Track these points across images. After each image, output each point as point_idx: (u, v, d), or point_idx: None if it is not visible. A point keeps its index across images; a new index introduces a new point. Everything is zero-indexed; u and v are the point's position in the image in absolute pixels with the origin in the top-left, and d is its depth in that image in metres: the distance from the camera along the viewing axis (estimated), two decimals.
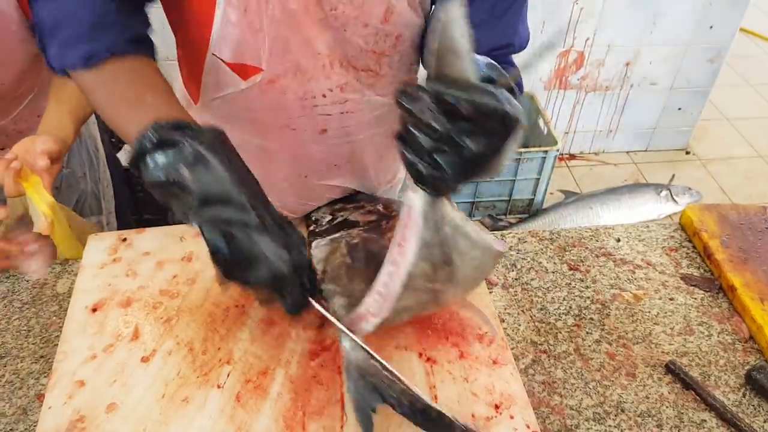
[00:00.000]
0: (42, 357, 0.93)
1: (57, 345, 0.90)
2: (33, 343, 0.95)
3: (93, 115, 1.46)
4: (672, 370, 0.91)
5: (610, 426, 0.85)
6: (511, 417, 0.81)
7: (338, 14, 0.80)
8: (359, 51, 0.86)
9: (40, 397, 0.87)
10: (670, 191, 2.79)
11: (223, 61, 0.83)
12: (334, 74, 0.88)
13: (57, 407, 0.81)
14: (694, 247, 1.13)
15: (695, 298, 1.03)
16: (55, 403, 0.81)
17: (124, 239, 1.05)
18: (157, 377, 0.84)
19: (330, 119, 0.94)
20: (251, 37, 0.80)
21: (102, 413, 0.80)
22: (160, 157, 0.64)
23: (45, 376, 0.90)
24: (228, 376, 0.84)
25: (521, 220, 2.77)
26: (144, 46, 0.77)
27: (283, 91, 0.87)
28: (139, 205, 2.12)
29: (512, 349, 0.92)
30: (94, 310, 0.93)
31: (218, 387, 0.83)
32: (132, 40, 0.74)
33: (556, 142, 2.55)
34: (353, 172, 1.05)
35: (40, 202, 1.08)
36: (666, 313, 1.01)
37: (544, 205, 2.80)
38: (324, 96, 0.90)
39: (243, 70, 0.84)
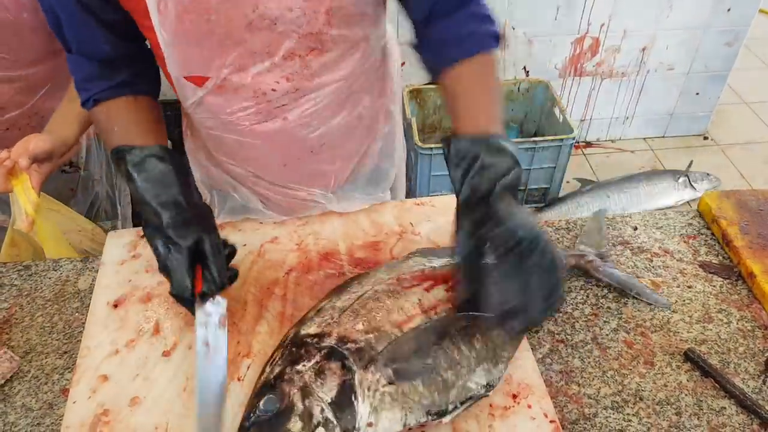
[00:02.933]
0: (66, 353, 0.95)
1: (80, 341, 0.92)
2: (57, 339, 0.97)
3: None
4: (691, 357, 0.90)
5: (628, 414, 0.85)
6: (529, 406, 0.81)
7: (262, 13, 0.81)
8: (297, 39, 0.86)
9: (65, 391, 0.89)
10: (688, 178, 2.76)
11: (178, 75, 0.90)
12: (277, 67, 0.88)
13: (81, 401, 0.82)
14: (712, 234, 1.12)
15: (714, 286, 1.02)
16: (80, 398, 0.83)
17: (143, 236, 1.06)
18: (179, 371, 0.86)
19: (286, 109, 0.95)
20: (189, 50, 0.85)
21: (125, 407, 0.82)
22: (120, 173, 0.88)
23: (69, 371, 0.92)
24: (248, 368, 0.86)
25: (537, 210, 2.75)
26: (126, 89, 0.93)
27: (235, 91, 0.91)
28: None
29: (529, 339, 0.92)
30: (116, 305, 0.95)
31: (238, 380, 0.84)
32: (113, 87, 0.91)
33: (571, 130, 2.53)
34: (330, 158, 1.07)
35: (26, 201, 1.10)
36: (684, 300, 1.00)
37: (560, 194, 2.78)
38: (274, 90, 0.91)
39: (195, 80, 0.90)
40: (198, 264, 0.84)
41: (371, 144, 1.13)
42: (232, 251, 0.91)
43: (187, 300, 0.82)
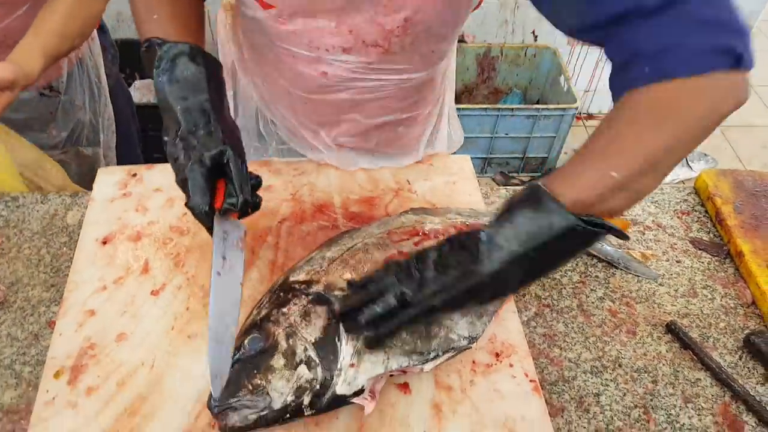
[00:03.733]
0: (52, 286, 0.95)
1: (67, 275, 0.92)
2: (43, 272, 0.97)
3: (99, 47, 1.44)
4: (672, 329, 0.92)
5: (606, 379, 0.86)
6: (511, 365, 0.82)
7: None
8: (367, 21, 0.83)
9: (51, 323, 0.89)
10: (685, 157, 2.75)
11: None
12: (340, 36, 0.86)
13: (68, 334, 0.83)
14: (706, 211, 1.12)
15: (702, 262, 1.03)
16: (66, 331, 0.83)
17: (134, 174, 1.06)
18: (167, 310, 0.86)
19: (332, 67, 0.93)
20: None
21: (112, 342, 0.82)
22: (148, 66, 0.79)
23: (56, 304, 0.92)
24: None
25: (533, 179, 2.74)
26: None
27: (294, 31, 0.88)
28: (149, 143, 2.11)
29: (516, 301, 0.93)
30: (104, 242, 0.95)
31: None
32: None
33: (575, 100, 2.51)
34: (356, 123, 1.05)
35: None
36: (672, 274, 1.01)
37: (558, 165, 2.77)
38: (327, 51, 0.89)
39: (261, 2, 0.85)
40: (219, 180, 0.77)
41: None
42: (258, 182, 0.83)
43: (205, 214, 0.74)
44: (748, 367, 0.89)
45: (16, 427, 0.79)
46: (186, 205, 0.75)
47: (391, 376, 0.77)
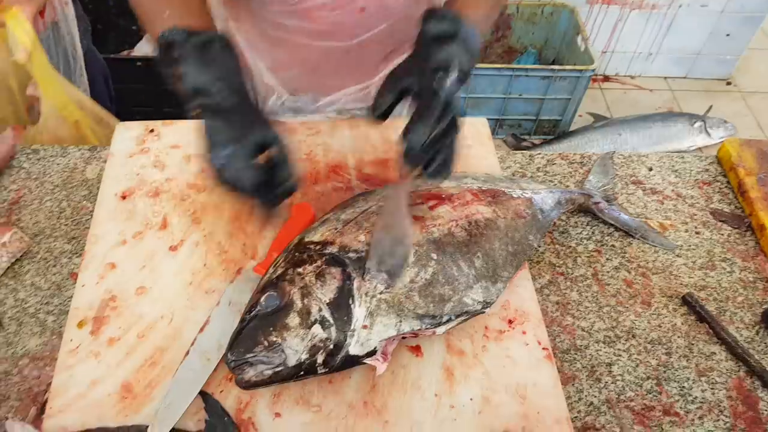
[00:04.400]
0: (74, 238, 0.96)
1: (88, 227, 0.93)
2: (65, 224, 0.98)
3: (72, 12, 1.42)
4: (688, 302, 0.92)
5: (619, 349, 0.87)
6: (524, 332, 0.83)
7: None
8: None
9: (72, 275, 0.91)
10: (704, 123, 2.71)
11: None
12: None
13: (90, 286, 0.84)
14: (728, 182, 1.11)
15: (722, 234, 1.02)
16: (88, 282, 0.85)
17: (152, 130, 1.05)
18: (185, 266, 0.87)
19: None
20: None
21: (132, 295, 0.84)
22: (167, 59, 0.74)
23: (77, 256, 0.93)
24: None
25: (545, 142, 2.72)
26: None
27: None
28: (163, 97, 2.10)
29: (530, 269, 0.93)
30: (123, 197, 0.95)
31: None
32: None
33: (592, 61, 2.45)
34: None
35: (21, 32, 1.07)
36: (690, 246, 1.00)
37: (571, 128, 2.73)
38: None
39: None
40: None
41: None
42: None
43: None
44: (766, 343, 0.89)
45: (41, 373, 0.82)
46: (254, 200, 0.73)
47: (403, 338, 0.78)
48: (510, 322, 0.84)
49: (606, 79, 3.12)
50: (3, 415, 0.73)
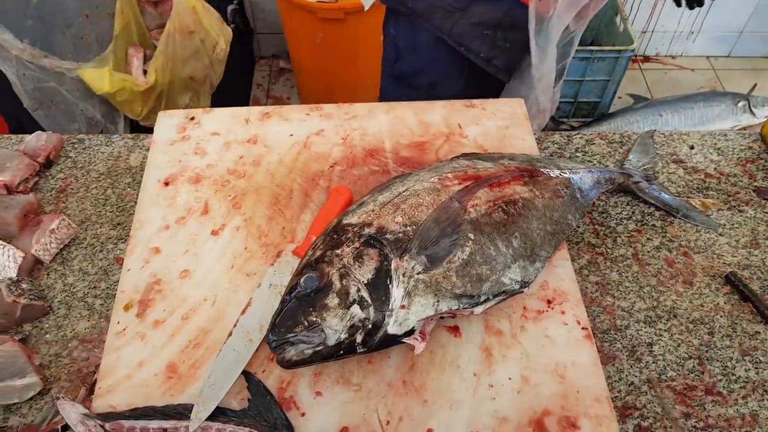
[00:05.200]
0: (119, 224, 0.99)
1: (132, 214, 0.96)
2: (110, 211, 1.01)
3: None
4: (731, 281, 0.90)
5: (660, 329, 0.86)
6: (563, 312, 0.83)
7: None
8: None
9: (118, 260, 0.94)
10: (749, 102, 2.62)
11: None
12: None
13: (135, 270, 0.87)
14: None
15: (766, 212, 1.00)
16: (134, 266, 0.87)
17: (192, 118, 1.08)
18: (227, 250, 0.89)
19: None
20: None
21: (176, 278, 0.86)
22: None
23: (122, 242, 0.96)
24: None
25: (584, 124, 2.67)
26: None
27: None
28: None
29: (569, 249, 0.92)
30: (166, 184, 0.98)
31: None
32: None
33: (631, 41, 2.39)
34: None
35: None
36: (733, 224, 0.98)
37: (611, 110, 2.68)
38: None
39: None
40: None
41: None
42: None
43: None
44: None
45: (90, 354, 0.85)
46: None
47: (441, 318, 0.79)
48: (549, 302, 0.84)
49: (646, 59, 3.04)
50: (54, 396, 0.76)
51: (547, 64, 1.24)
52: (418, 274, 0.75)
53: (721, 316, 0.87)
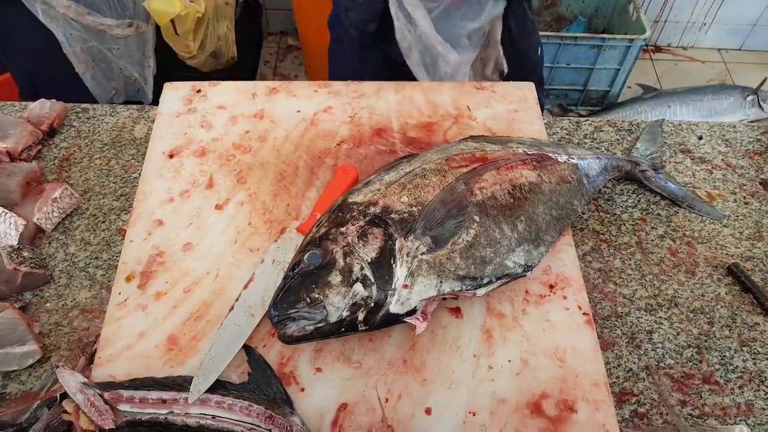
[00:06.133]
0: (122, 195, 0.99)
1: (135, 185, 0.96)
2: (113, 182, 1.01)
3: None
4: (733, 272, 0.90)
5: (660, 318, 0.86)
6: (564, 297, 0.83)
7: None
8: None
9: (121, 231, 0.94)
10: (758, 96, 2.60)
11: None
12: None
13: (138, 242, 0.87)
14: None
15: None
16: (137, 238, 0.87)
17: (199, 90, 1.07)
18: (230, 224, 0.89)
19: None
20: None
21: (179, 251, 0.86)
22: None
23: (125, 213, 0.96)
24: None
25: (592, 113, 2.66)
26: None
27: None
28: None
29: (573, 235, 0.92)
30: (171, 156, 0.97)
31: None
32: None
33: (644, 31, 2.37)
34: None
35: None
36: (738, 216, 0.98)
37: (620, 99, 2.66)
38: None
39: None
40: None
41: None
42: None
43: None
44: None
45: (90, 324, 0.85)
46: None
47: (443, 299, 0.79)
48: (551, 287, 0.84)
49: (657, 49, 3.01)
50: (54, 364, 0.76)
51: (420, 32, 1.18)
52: (422, 254, 0.75)
53: (721, 307, 0.87)
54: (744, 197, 1.00)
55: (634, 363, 0.82)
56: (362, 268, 0.74)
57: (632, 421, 0.77)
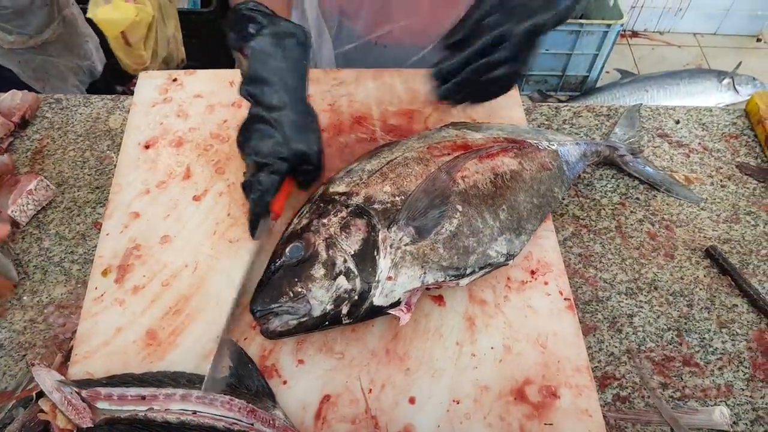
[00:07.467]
0: (97, 188, 0.97)
1: (111, 177, 0.93)
2: (88, 174, 0.99)
3: None
4: (711, 254, 0.91)
5: (640, 301, 0.87)
6: (546, 283, 0.83)
7: None
8: None
9: (96, 224, 0.92)
10: (733, 80, 2.63)
11: None
12: None
13: (114, 235, 0.85)
14: (755, 136, 1.08)
15: (747, 188, 1.01)
16: (113, 231, 0.86)
17: (175, 79, 1.05)
18: (209, 216, 0.87)
19: None
20: None
21: (156, 244, 0.84)
22: (236, 32, 0.78)
23: (101, 206, 0.94)
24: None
25: (572, 98, 2.67)
26: None
27: None
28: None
29: (554, 221, 0.92)
30: (147, 147, 0.95)
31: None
32: None
33: (621, 16, 2.38)
34: None
35: None
36: (715, 199, 0.99)
37: (598, 84, 2.68)
38: None
39: None
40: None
41: None
42: None
43: (259, 216, 0.79)
44: None
45: (66, 321, 0.83)
46: (250, 203, 0.78)
47: (427, 289, 0.79)
48: (532, 273, 0.84)
49: (634, 34, 3.03)
50: (29, 362, 0.74)
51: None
52: (405, 245, 0.75)
53: (700, 289, 0.88)
54: (721, 180, 1.01)
55: (616, 347, 0.83)
56: (345, 261, 0.73)
57: (614, 405, 0.78)
